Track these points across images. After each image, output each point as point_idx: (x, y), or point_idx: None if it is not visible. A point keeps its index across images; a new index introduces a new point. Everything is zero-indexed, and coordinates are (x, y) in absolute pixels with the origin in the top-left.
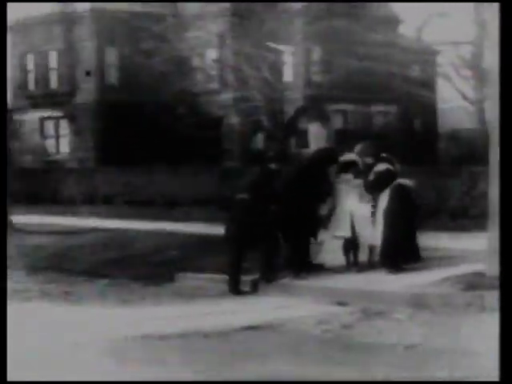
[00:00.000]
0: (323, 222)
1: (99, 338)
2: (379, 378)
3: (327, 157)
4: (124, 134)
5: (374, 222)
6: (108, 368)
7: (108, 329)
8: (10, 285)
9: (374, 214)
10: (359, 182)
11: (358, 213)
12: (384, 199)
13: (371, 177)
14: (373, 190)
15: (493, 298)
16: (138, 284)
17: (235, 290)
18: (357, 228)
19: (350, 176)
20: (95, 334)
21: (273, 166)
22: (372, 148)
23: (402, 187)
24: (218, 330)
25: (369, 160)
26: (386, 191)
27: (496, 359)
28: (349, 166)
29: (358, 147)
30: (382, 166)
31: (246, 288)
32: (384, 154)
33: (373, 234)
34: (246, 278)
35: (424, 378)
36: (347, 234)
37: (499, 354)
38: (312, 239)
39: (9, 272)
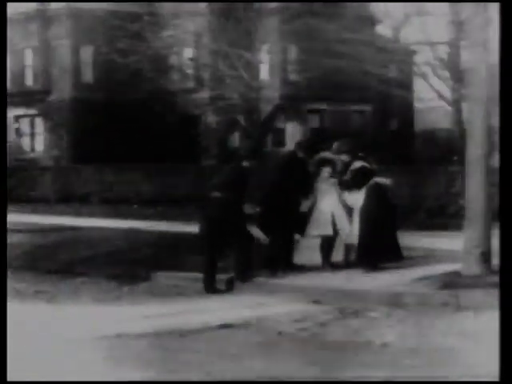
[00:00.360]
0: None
1: (73, 337)
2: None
3: (308, 147)
4: (99, 132)
5: (351, 221)
6: (83, 367)
7: (82, 328)
8: None
9: (350, 212)
10: (336, 180)
11: (337, 211)
12: (361, 198)
13: (348, 175)
14: (349, 188)
15: (468, 297)
16: (113, 283)
17: (210, 288)
18: (338, 227)
19: (326, 174)
20: (68, 333)
21: (245, 163)
22: (349, 146)
23: (378, 186)
24: (193, 328)
25: (346, 158)
26: (362, 190)
27: (471, 357)
28: (326, 165)
29: (335, 145)
30: (358, 164)
31: (222, 287)
32: (361, 153)
33: (351, 233)
34: (223, 277)
35: (399, 378)
36: (328, 232)
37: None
38: (296, 237)
39: None
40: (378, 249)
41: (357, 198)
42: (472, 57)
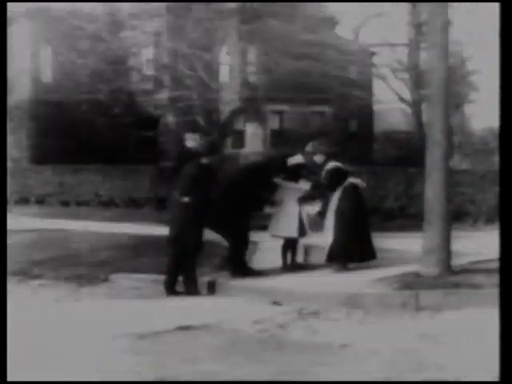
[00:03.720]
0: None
1: (30, 339)
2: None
3: (277, 166)
4: (59, 133)
5: (325, 222)
6: (41, 369)
7: (40, 329)
8: None
9: (323, 213)
10: (306, 182)
11: (305, 213)
12: (336, 198)
13: (323, 176)
14: (325, 188)
15: (428, 297)
16: (73, 285)
17: (171, 290)
18: (305, 229)
19: (297, 177)
20: (26, 335)
21: (204, 160)
22: (323, 146)
23: (353, 186)
24: (152, 330)
25: (320, 159)
26: (338, 190)
27: (430, 357)
28: (296, 168)
29: (309, 145)
30: (333, 164)
31: (180, 289)
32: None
33: (324, 235)
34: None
35: (360, 378)
36: (293, 234)
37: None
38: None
39: None
40: (352, 249)
41: (332, 199)
42: (431, 58)
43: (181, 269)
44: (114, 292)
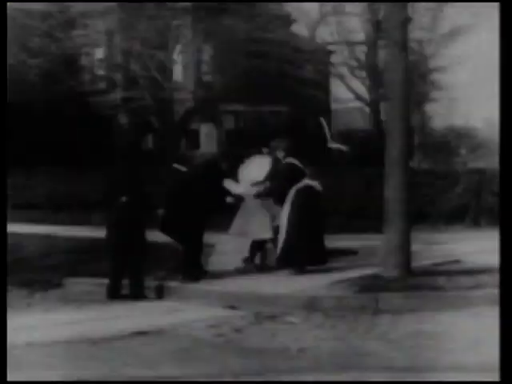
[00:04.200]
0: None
1: None
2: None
3: (214, 170)
4: (10, 134)
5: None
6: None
7: None
8: None
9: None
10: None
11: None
12: (289, 200)
13: (280, 171)
14: (278, 184)
15: (387, 300)
16: (24, 290)
17: (115, 294)
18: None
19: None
20: None
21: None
22: (285, 144)
23: (309, 188)
24: (106, 336)
25: (281, 156)
26: (292, 190)
27: (389, 360)
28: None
29: (272, 143)
30: (289, 160)
31: (125, 292)
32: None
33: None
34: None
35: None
36: (267, 236)
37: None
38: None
39: None
40: (302, 251)
41: (287, 201)
42: (390, 56)
43: (124, 272)
44: (67, 297)
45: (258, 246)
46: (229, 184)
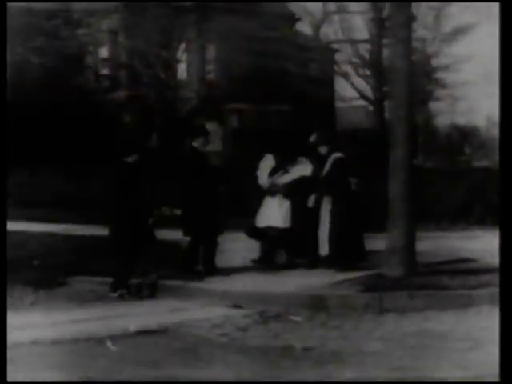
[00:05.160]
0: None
1: None
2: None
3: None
4: (13, 133)
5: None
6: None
7: None
8: None
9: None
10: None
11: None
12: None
13: (327, 166)
14: (329, 181)
15: (391, 299)
16: (29, 288)
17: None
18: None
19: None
20: None
21: (130, 159)
22: (328, 136)
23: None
24: (111, 334)
25: (324, 150)
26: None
27: (394, 360)
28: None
29: (313, 136)
30: (338, 155)
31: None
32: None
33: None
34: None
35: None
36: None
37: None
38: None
39: None
40: (350, 248)
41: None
42: (394, 55)
43: (130, 269)
44: (72, 295)
45: (270, 244)
46: (262, 176)
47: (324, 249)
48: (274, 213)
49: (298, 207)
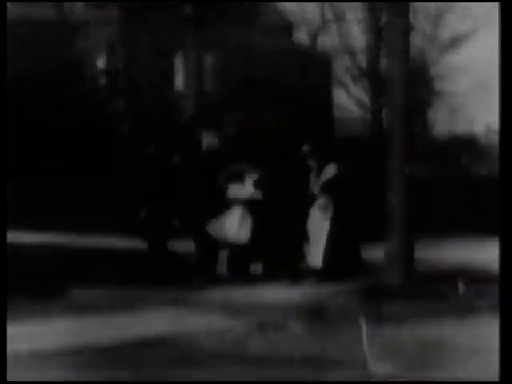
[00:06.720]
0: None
1: None
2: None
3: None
4: (13, 145)
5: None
6: None
7: None
8: None
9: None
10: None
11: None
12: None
13: (326, 179)
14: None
15: (390, 308)
16: (27, 299)
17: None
18: None
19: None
20: None
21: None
22: (320, 147)
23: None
24: (110, 344)
25: (313, 161)
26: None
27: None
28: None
29: (305, 147)
30: (338, 167)
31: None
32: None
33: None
34: None
35: None
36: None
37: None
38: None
39: None
40: (347, 261)
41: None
42: (391, 64)
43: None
44: (71, 306)
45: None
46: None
47: (316, 260)
48: (233, 225)
49: (271, 219)
